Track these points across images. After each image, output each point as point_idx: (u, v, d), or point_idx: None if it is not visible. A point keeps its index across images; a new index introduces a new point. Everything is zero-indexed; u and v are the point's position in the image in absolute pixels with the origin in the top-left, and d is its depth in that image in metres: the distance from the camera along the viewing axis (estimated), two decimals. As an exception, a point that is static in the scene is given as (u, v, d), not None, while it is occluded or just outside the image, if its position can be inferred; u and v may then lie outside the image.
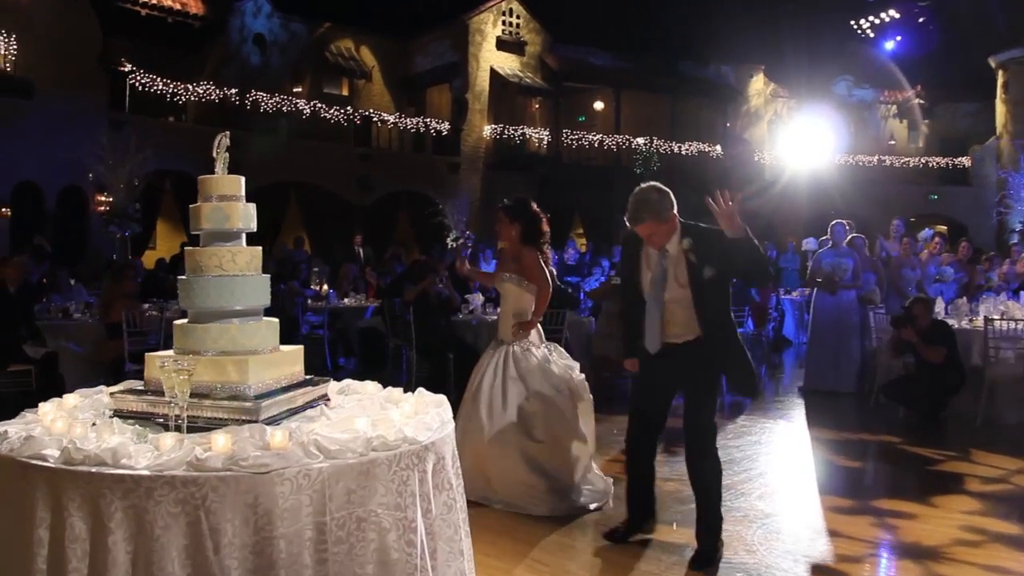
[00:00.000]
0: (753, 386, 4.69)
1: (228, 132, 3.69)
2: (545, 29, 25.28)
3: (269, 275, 3.58)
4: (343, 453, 2.86)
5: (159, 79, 17.96)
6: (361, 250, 18.07)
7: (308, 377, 3.67)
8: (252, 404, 3.18)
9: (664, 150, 25.16)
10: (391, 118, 22.94)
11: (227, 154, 3.61)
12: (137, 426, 3.17)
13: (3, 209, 15.08)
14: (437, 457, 3.20)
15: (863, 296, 10.24)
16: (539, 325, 5.83)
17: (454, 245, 16.78)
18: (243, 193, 3.57)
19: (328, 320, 11.95)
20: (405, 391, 3.87)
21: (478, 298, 10.45)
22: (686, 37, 24.60)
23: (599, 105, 27.22)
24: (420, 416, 3.34)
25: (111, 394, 3.42)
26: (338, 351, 12.21)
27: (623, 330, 5.08)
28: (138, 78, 17.59)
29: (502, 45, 24.57)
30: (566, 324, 9.23)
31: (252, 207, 3.55)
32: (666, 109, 26.15)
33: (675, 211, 4.59)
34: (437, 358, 9.55)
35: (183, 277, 3.44)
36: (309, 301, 12.25)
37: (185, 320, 3.47)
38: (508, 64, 24.66)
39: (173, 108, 18.75)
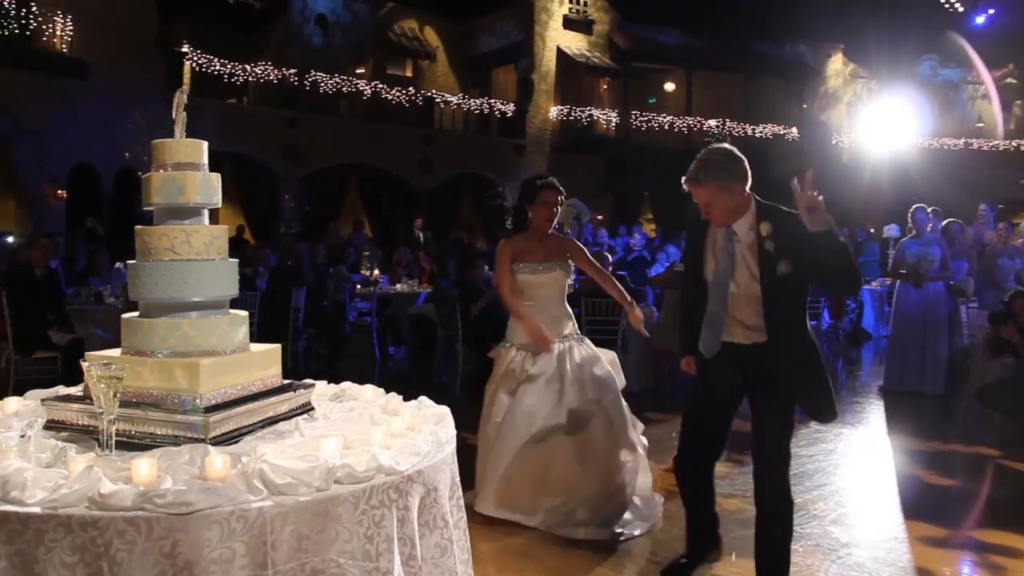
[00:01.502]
0: (833, 410, 3.84)
1: (186, 88, 3.01)
2: (613, 7, 24.40)
3: (236, 260, 2.99)
4: (294, 488, 2.24)
5: (217, 60, 17.65)
6: (421, 234, 17.55)
7: (287, 382, 3.07)
8: (199, 419, 2.59)
9: (737, 132, 24.10)
10: (454, 99, 22.37)
11: (185, 114, 2.98)
12: (62, 443, 2.60)
13: (59, 191, 14.92)
14: (427, 489, 2.57)
15: (954, 287, 9.31)
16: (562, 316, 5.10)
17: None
18: (204, 161, 2.97)
19: (377, 307, 11.45)
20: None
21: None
22: (760, 15, 23.42)
23: (670, 86, 26.25)
24: (410, 436, 2.71)
25: (42, 401, 2.86)
26: (387, 339, 11.69)
27: (680, 324, 4.27)
28: (195, 59, 17.31)
29: (569, 24, 23.78)
30: (624, 315, 8.48)
31: (214, 177, 2.95)
32: (739, 90, 25.06)
33: (747, 186, 3.76)
34: (485, 350, 8.91)
35: (132, 262, 2.87)
36: (359, 287, 11.77)
37: (136, 314, 2.90)
38: (575, 43, 23.86)
39: (232, 89, 18.46)
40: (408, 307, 11.60)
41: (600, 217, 22.13)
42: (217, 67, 17.61)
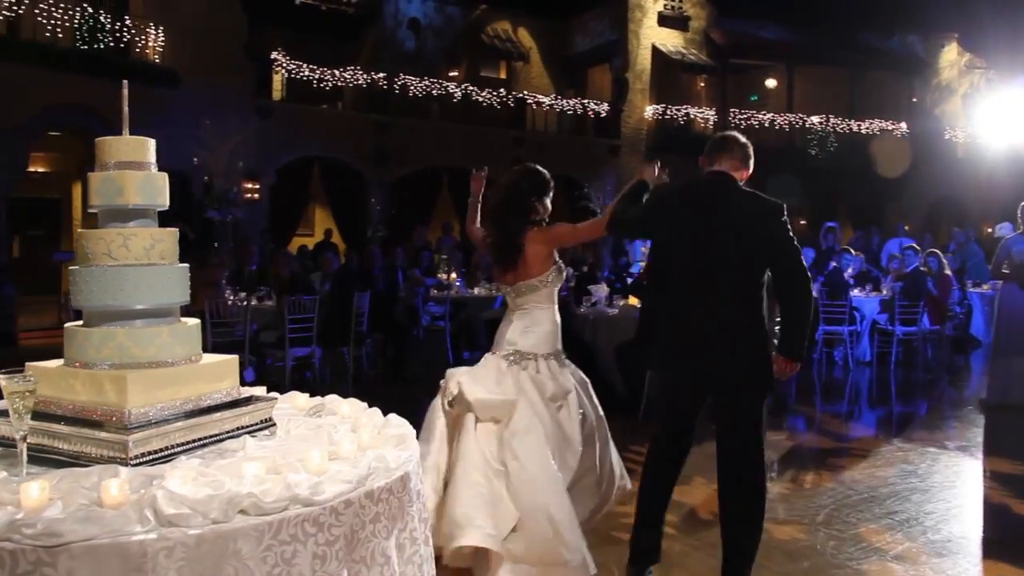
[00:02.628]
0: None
1: (126, 83, 2.82)
2: (710, 3, 23.69)
3: (185, 265, 2.78)
4: (185, 519, 2.00)
5: (306, 66, 17.86)
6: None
7: (244, 396, 2.84)
8: (117, 436, 2.38)
9: (841, 129, 23.07)
10: (546, 100, 22.10)
11: (127, 109, 2.80)
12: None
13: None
14: (361, 521, 2.29)
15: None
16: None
17: None
18: (150, 159, 2.78)
19: (451, 311, 11.27)
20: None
21: (602, 289, 9.44)
22: (868, 6, 22.30)
23: (771, 83, 25.31)
24: (354, 460, 2.44)
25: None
26: (462, 344, 11.50)
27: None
28: (284, 65, 17.56)
29: (664, 21, 23.20)
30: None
31: (159, 177, 2.76)
32: (844, 85, 23.96)
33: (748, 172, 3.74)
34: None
35: (73, 267, 2.69)
36: (434, 291, 11.61)
37: (80, 323, 2.73)
38: (671, 41, 23.26)
39: (322, 95, 18.66)
40: (483, 311, 11.38)
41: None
42: (306, 73, 17.80)
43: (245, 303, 7.87)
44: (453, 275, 12.40)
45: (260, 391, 3.37)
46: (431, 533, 2.83)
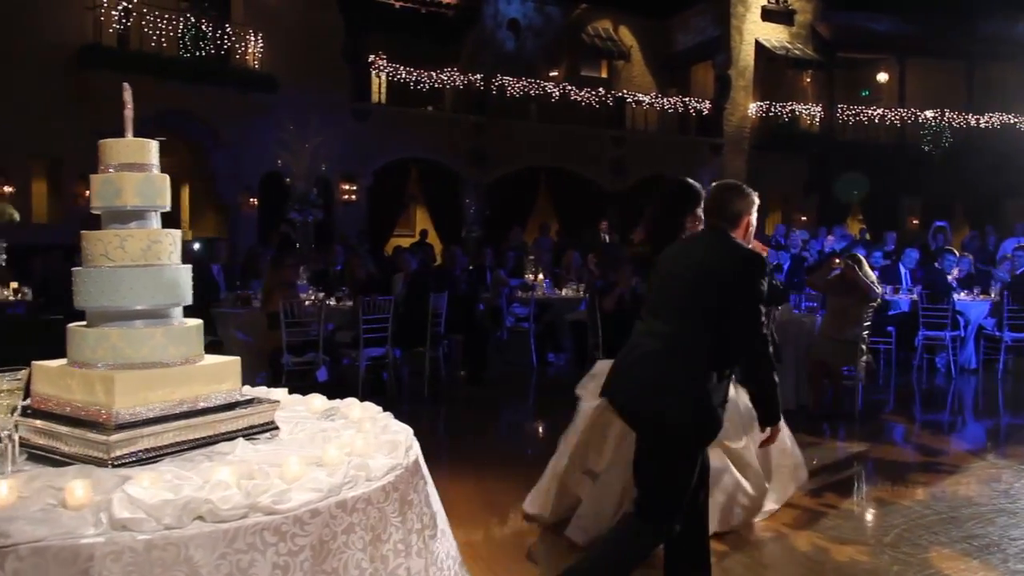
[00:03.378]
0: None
1: (128, 85, 2.83)
2: (817, -5, 22.94)
3: (187, 266, 2.79)
4: (137, 524, 1.98)
5: (403, 68, 18.10)
6: (607, 237, 17.14)
7: (245, 399, 2.83)
8: (101, 437, 2.39)
9: (958, 124, 21.95)
10: (646, 99, 21.79)
11: (131, 110, 2.80)
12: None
13: (251, 199, 15.75)
14: (332, 531, 2.22)
15: None
16: None
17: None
18: (151, 161, 2.78)
19: (535, 312, 11.19)
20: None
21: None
22: (989, -9, 21.15)
23: (882, 77, 24.29)
24: (334, 468, 2.38)
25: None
26: (546, 346, 11.40)
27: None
28: (382, 68, 17.83)
29: (768, 15, 22.53)
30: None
31: (159, 179, 2.76)
32: (961, 77, 22.79)
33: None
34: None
35: (75, 268, 2.72)
36: (520, 293, 11.55)
37: (83, 323, 2.76)
38: (775, 36, 22.58)
39: (420, 97, 18.87)
40: (569, 312, 11.25)
41: (804, 218, 20.84)
42: (404, 75, 18.03)
43: (321, 303, 7.96)
44: (540, 276, 12.32)
45: (280, 393, 3.40)
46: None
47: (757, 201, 3.58)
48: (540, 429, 8.18)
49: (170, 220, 2.84)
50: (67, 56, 13.11)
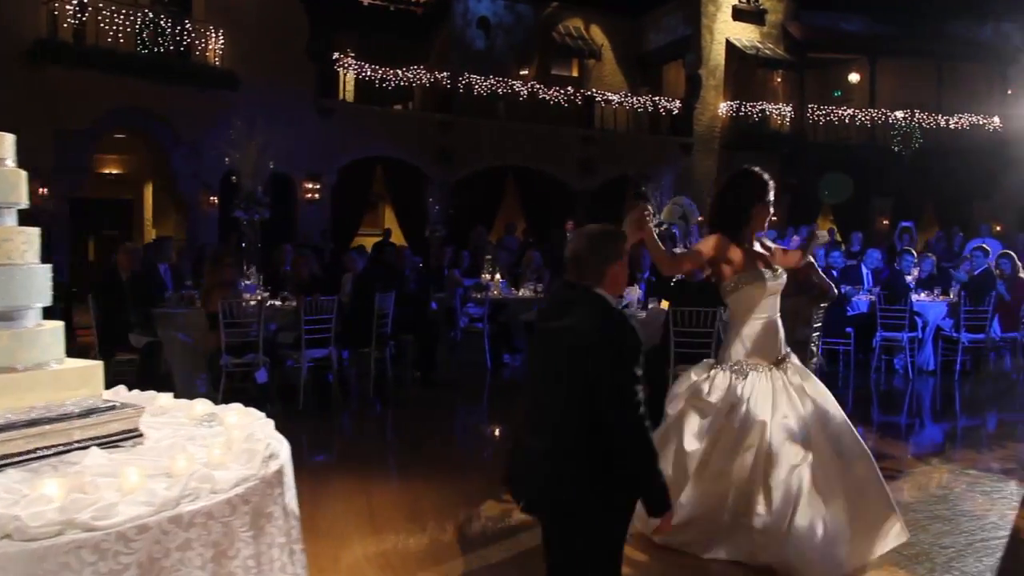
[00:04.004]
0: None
1: None
2: (788, -5, 22.93)
3: (43, 266, 2.64)
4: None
5: (368, 66, 17.94)
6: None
7: (104, 405, 2.68)
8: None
9: (928, 124, 21.99)
10: (615, 98, 21.71)
11: None
12: None
13: (212, 198, 15.52)
14: (162, 549, 2.07)
15: None
16: None
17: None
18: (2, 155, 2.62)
19: (490, 312, 11.06)
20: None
21: (634, 291, 9.08)
22: (958, -8, 21.21)
23: (853, 77, 24.31)
24: (176, 480, 2.24)
25: None
26: (501, 347, 11.26)
27: None
28: (346, 66, 17.66)
29: (739, 15, 22.49)
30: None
31: (12, 173, 2.63)
32: (931, 78, 22.84)
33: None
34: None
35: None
36: (475, 293, 11.42)
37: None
38: (746, 35, 22.55)
39: (385, 95, 18.70)
40: (523, 313, 11.13)
41: (774, 218, 20.76)
42: (369, 73, 17.87)
43: (260, 303, 7.79)
44: (497, 276, 12.19)
45: (165, 398, 3.26)
46: None
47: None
48: (495, 431, 8.08)
49: (133, 219, 2.69)
50: (21, 51, 12.85)
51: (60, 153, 13.30)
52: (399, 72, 18.41)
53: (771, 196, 4.58)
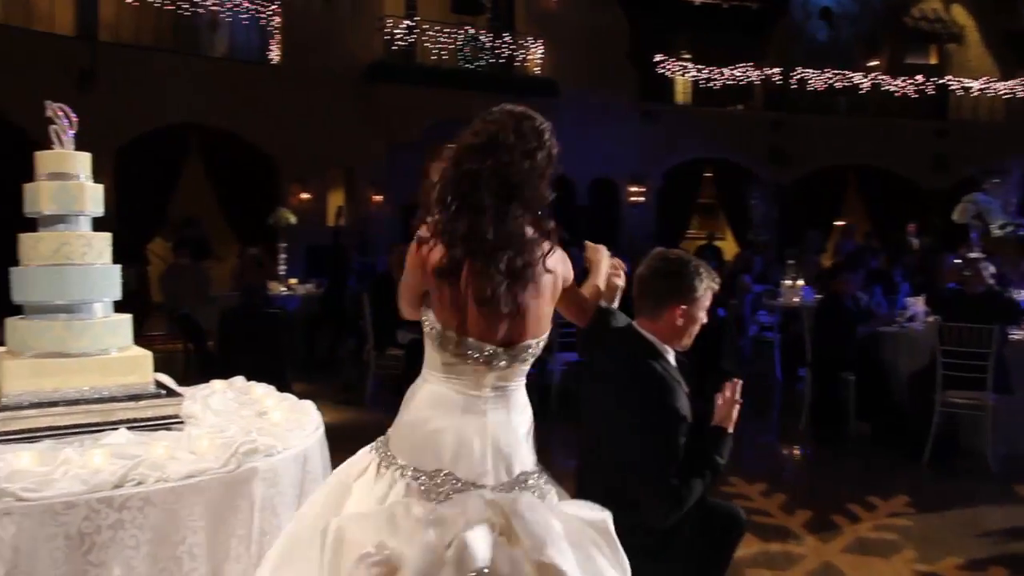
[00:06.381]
0: None
1: (51, 103, 3.02)
2: None
3: (110, 265, 2.99)
4: None
5: (693, 66, 17.74)
6: (915, 241, 15.53)
7: (150, 392, 2.97)
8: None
9: None
10: (976, 84, 19.40)
11: (62, 124, 3.01)
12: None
13: (534, 204, 16.26)
14: (92, 525, 2.27)
15: None
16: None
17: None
18: (75, 171, 2.99)
19: (782, 321, 10.41)
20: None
21: (919, 303, 8.05)
22: None
23: None
24: (141, 464, 2.44)
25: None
26: (794, 359, 10.51)
27: None
28: (672, 67, 17.60)
29: None
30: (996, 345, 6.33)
31: (75, 187, 2.97)
32: None
33: None
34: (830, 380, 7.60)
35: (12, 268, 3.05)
36: (766, 300, 10.81)
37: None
38: None
39: (713, 95, 18.33)
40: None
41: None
42: (697, 73, 17.69)
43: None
44: (800, 282, 11.44)
45: (255, 387, 3.51)
46: None
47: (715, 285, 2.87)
48: (783, 450, 7.52)
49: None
50: (358, 73, 14.40)
51: (391, 164, 14.68)
52: (725, 71, 17.98)
53: None
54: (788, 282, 11.51)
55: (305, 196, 13.98)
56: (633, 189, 17.72)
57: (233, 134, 13.36)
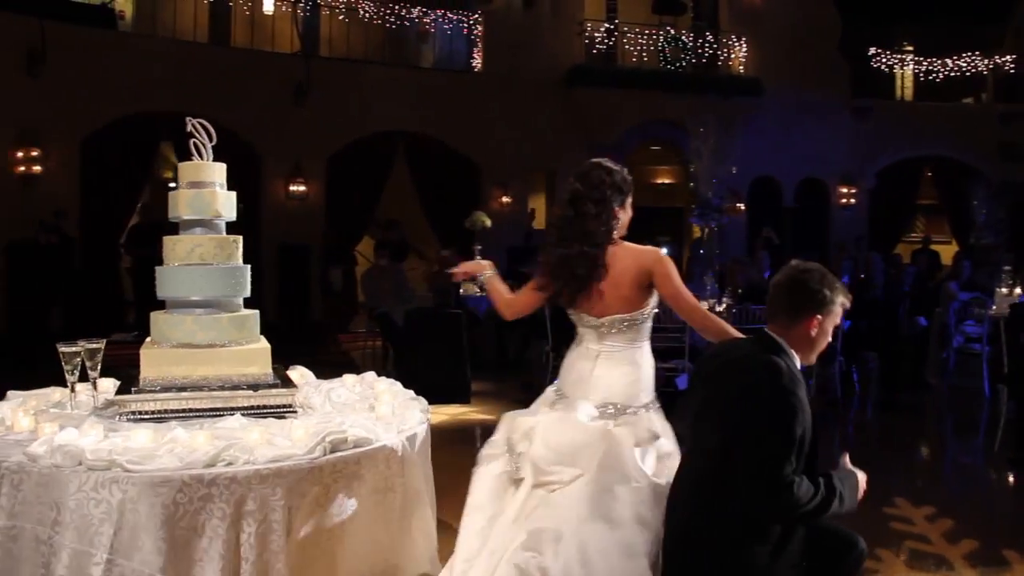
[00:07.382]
0: None
1: (191, 119, 3.37)
2: None
3: (246, 266, 3.35)
4: (34, 457, 2.62)
5: (911, 58, 16.67)
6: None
7: (268, 382, 3.29)
8: (122, 397, 3.12)
9: None
10: None
11: (201, 138, 3.36)
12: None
13: (738, 204, 15.74)
14: (185, 496, 2.59)
15: None
16: None
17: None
18: (211, 180, 3.37)
19: (990, 332, 9.60)
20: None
21: None
22: None
23: None
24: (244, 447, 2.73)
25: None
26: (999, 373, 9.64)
27: None
28: (886, 60, 16.63)
29: None
30: None
31: (208, 194, 3.34)
32: None
33: None
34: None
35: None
36: (976, 309, 10.01)
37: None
38: None
39: (937, 88, 17.11)
40: (1033, 333, 9.47)
41: None
42: (912, 67, 16.62)
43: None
44: (1017, 290, 10.50)
45: (379, 382, 3.76)
46: None
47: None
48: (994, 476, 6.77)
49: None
50: (559, 76, 14.65)
51: (593, 166, 14.82)
52: (949, 61, 16.75)
53: None
54: (1004, 290, 10.63)
55: (506, 200, 14.39)
56: (843, 190, 16.88)
57: (438, 140, 13.98)
